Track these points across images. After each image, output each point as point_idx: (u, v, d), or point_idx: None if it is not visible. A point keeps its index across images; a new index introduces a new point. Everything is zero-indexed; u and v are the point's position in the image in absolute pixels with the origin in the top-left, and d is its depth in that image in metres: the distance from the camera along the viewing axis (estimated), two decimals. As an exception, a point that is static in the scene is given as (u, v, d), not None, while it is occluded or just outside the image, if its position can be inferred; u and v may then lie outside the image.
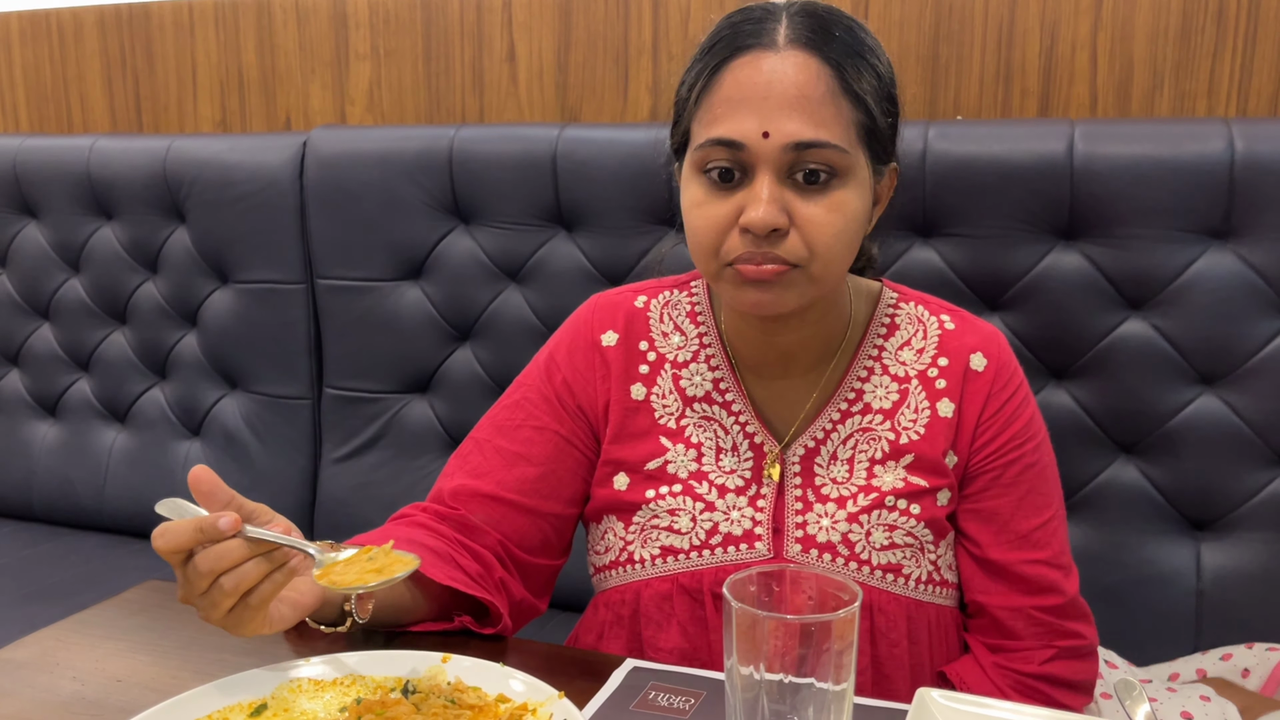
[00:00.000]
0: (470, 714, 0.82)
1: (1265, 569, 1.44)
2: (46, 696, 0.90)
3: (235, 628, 0.83)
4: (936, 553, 1.04)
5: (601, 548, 1.09)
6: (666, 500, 1.04)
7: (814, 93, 0.91)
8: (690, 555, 1.03)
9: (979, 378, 1.05)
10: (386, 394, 1.88)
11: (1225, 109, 1.59)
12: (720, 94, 0.94)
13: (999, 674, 1.03)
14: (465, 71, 1.98)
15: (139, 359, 2.08)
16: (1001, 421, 1.04)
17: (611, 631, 1.07)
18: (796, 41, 0.93)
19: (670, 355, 1.10)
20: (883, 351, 1.07)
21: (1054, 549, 1.04)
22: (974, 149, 1.48)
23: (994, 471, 1.04)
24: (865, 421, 1.05)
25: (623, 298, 1.14)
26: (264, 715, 0.83)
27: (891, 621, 1.01)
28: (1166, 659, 1.42)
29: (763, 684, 0.71)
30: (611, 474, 1.08)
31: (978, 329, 1.08)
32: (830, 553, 1.01)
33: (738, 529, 1.03)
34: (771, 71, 0.92)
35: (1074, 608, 1.05)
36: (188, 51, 2.20)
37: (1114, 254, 1.46)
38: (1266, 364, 1.42)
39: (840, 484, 1.03)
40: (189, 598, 0.84)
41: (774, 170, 0.92)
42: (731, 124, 0.92)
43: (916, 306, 1.10)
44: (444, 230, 1.81)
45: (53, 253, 2.12)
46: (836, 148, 0.92)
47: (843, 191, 0.93)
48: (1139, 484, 1.49)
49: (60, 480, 2.12)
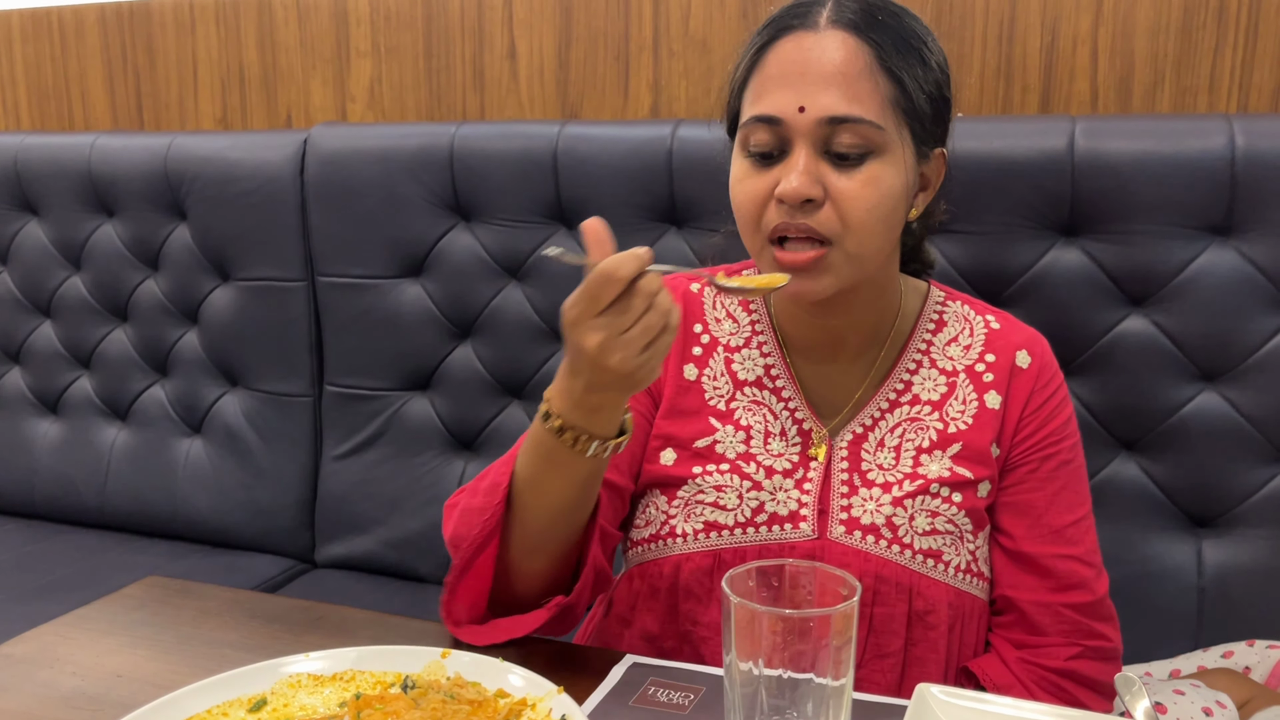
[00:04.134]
0: (469, 709, 0.82)
1: (1266, 566, 1.44)
2: (47, 692, 0.90)
3: (649, 371, 0.84)
4: (975, 543, 1.05)
5: (642, 520, 1.09)
6: (714, 477, 1.05)
7: (850, 69, 0.94)
8: (735, 532, 1.04)
9: (1024, 374, 1.07)
10: (387, 391, 1.88)
11: (1226, 105, 1.59)
12: (763, 74, 0.98)
13: (1023, 668, 1.03)
14: (466, 68, 1.98)
15: (140, 356, 2.08)
16: (1043, 416, 1.06)
17: (645, 604, 1.07)
18: (838, 22, 0.96)
19: (723, 339, 1.12)
20: (931, 346, 1.10)
21: (1085, 547, 1.06)
22: (975, 145, 1.48)
23: (1031, 464, 1.06)
24: (914, 412, 1.07)
25: (678, 281, 1.16)
26: (263, 710, 0.83)
27: (931, 606, 1.02)
28: (1167, 656, 1.42)
29: (761, 679, 0.71)
30: (660, 448, 1.09)
31: (1022, 329, 1.11)
32: (874, 535, 1.02)
33: (783, 509, 1.04)
34: (810, 49, 0.95)
35: (1102, 608, 1.06)
36: (189, 48, 2.20)
37: (1115, 250, 1.45)
38: (1268, 360, 1.41)
39: (886, 470, 1.05)
40: (609, 340, 0.82)
41: (810, 144, 0.95)
42: (770, 100, 0.96)
43: (963, 306, 1.13)
44: (445, 227, 1.81)
45: (54, 250, 2.12)
46: (871, 123, 0.94)
47: (878, 166, 0.95)
48: (1140, 481, 1.49)
49: (62, 477, 2.12)
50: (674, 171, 1.64)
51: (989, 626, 1.08)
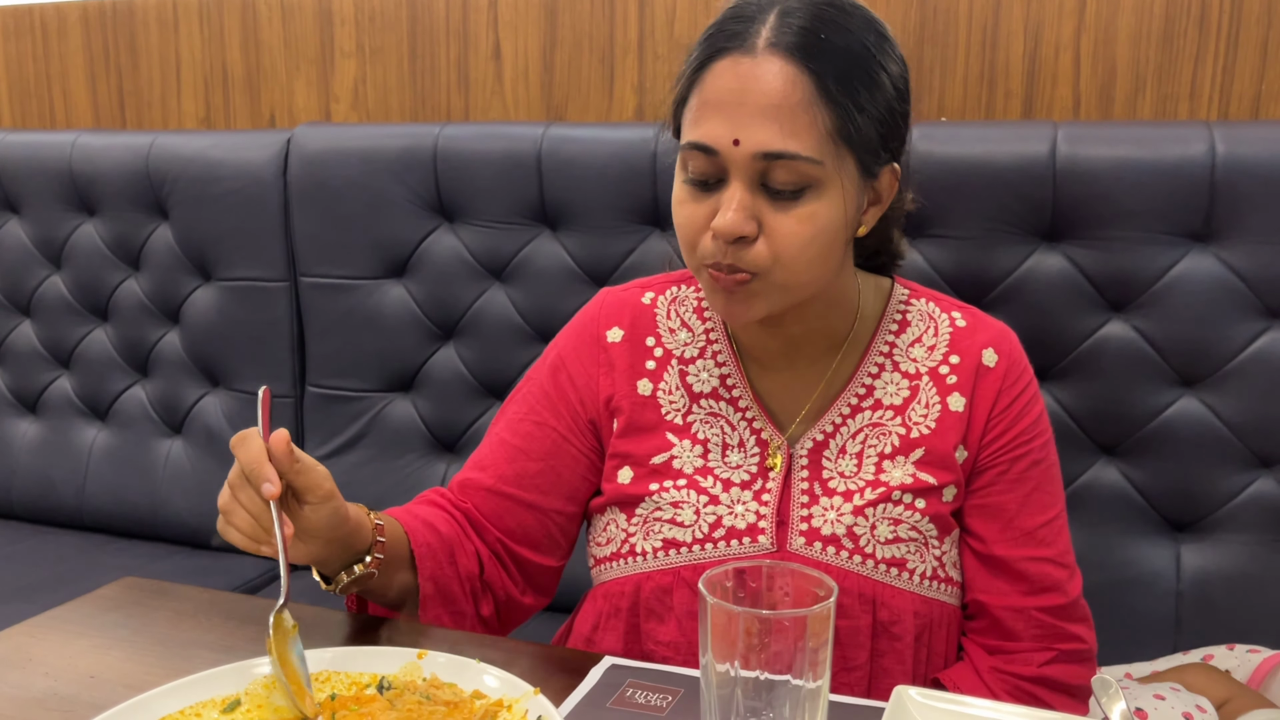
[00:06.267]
0: (445, 710, 0.81)
1: (1244, 571, 1.45)
2: (18, 693, 0.89)
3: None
4: (941, 549, 1.03)
5: (603, 539, 1.09)
6: (670, 493, 1.04)
7: (787, 101, 0.90)
8: (693, 549, 1.03)
9: (991, 373, 1.05)
10: (369, 393, 1.87)
11: (1207, 112, 1.60)
12: (701, 97, 0.94)
13: (995, 678, 1.02)
14: (450, 69, 1.98)
15: (120, 356, 2.07)
16: (1012, 416, 1.04)
17: (608, 623, 1.06)
18: (776, 46, 0.91)
19: (677, 351, 1.10)
20: (894, 348, 1.07)
21: (1058, 548, 1.04)
22: (957, 150, 1.49)
23: (1001, 466, 1.04)
24: (876, 417, 1.05)
25: (630, 294, 1.14)
26: (236, 711, 0.83)
27: (896, 616, 1.00)
28: (1146, 659, 1.42)
29: (738, 680, 0.71)
30: (617, 467, 1.08)
31: (989, 326, 1.09)
32: (835, 545, 1.01)
33: (741, 522, 1.02)
34: (746, 77, 0.91)
35: (1076, 609, 1.05)
36: (171, 47, 2.19)
37: (1096, 256, 1.46)
38: (1247, 366, 1.42)
39: (848, 478, 1.03)
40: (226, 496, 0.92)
41: (745, 178, 0.92)
42: (706, 128, 0.93)
43: (928, 303, 1.10)
44: (428, 228, 1.80)
45: (34, 249, 2.10)
46: (808, 159, 0.91)
47: (814, 202, 0.92)
48: (1120, 485, 1.50)
49: (40, 478, 2.10)
50: (658, 174, 1.64)
51: (962, 631, 1.07)
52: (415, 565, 1.03)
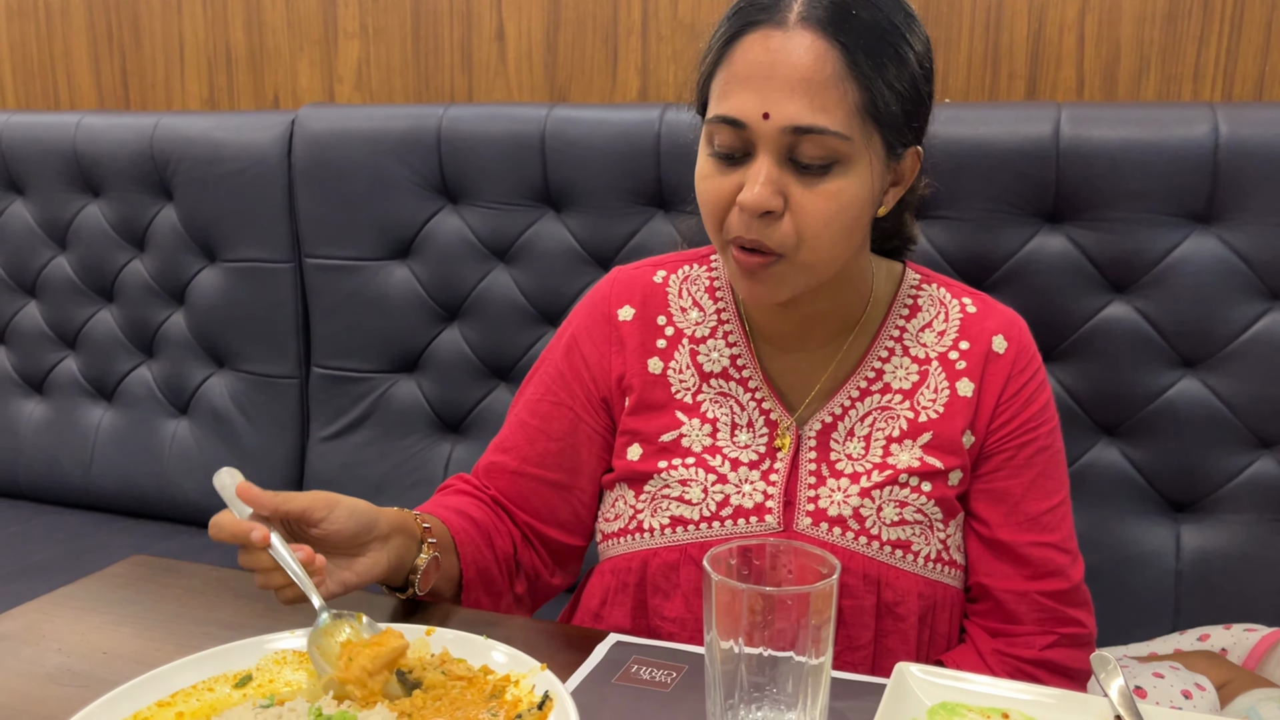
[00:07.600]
0: (463, 685, 0.82)
1: (1243, 551, 1.46)
2: (31, 668, 0.91)
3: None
4: (945, 532, 1.04)
5: (611, 515, 1.10)
6: (679, 471, 1.05)
7: (818, 75, 0.90)
8: (700, 526, 1.04)
9: (1000, 359, 1.06)
10: (374, 373, 1.88)
11: (1210, 93, 1.60)
12: (730, 70, 0.94)
13: (997, 660, 1.03)
14: (454, 50, 1.98)
15: (126, 337, 2.08)
16: (1020, 402, 1.05)
17: (615, 598, 1.08)
18: (808, 20, 0.91)
19: (688, 330, 1.10)
20: (904, 333, 1.08)
21: (1062, 534, 1.05)
22: (961, 131, 1.49)
23: (1008, 452, 1.05)
24: (884, 400, 1.05)
25: (641, 272, 1.14)
26: (249, 685, 0.84)
27: (900, 597, 1.01)
28: (1145, 639, 1.43)
29: (742, 657, 0.72)
30: (627, 444, 1.09)
31: (999, 312, 1.09)
32: (841, 526, 1.02)
33: (749, 501, 1.03)
34: (777, 51, 0.91)
35: (1078, 594, 1.05)
36: (175, 28, 2.19)
37: (1099, 237, 1.46)
38: (1248, 347, 1.43)
39: (855, 460, 1.04)
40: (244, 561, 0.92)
41: (773, 151, 0.92)
42: (735, 102, 0.93)
43: (939, 289, 1.10)
44: (432, 210, 1.81)
45: (39, 230, 2.11)
46: (836, 134, 0.90)
47: (842, 178, 0.92)
48: (1120, 465, 1.50)
49: (47, 458, 2.11)
50: (662, 155, 1.64)
51: (964, 614, 1.08)
52: (458, 552, 1.05)
